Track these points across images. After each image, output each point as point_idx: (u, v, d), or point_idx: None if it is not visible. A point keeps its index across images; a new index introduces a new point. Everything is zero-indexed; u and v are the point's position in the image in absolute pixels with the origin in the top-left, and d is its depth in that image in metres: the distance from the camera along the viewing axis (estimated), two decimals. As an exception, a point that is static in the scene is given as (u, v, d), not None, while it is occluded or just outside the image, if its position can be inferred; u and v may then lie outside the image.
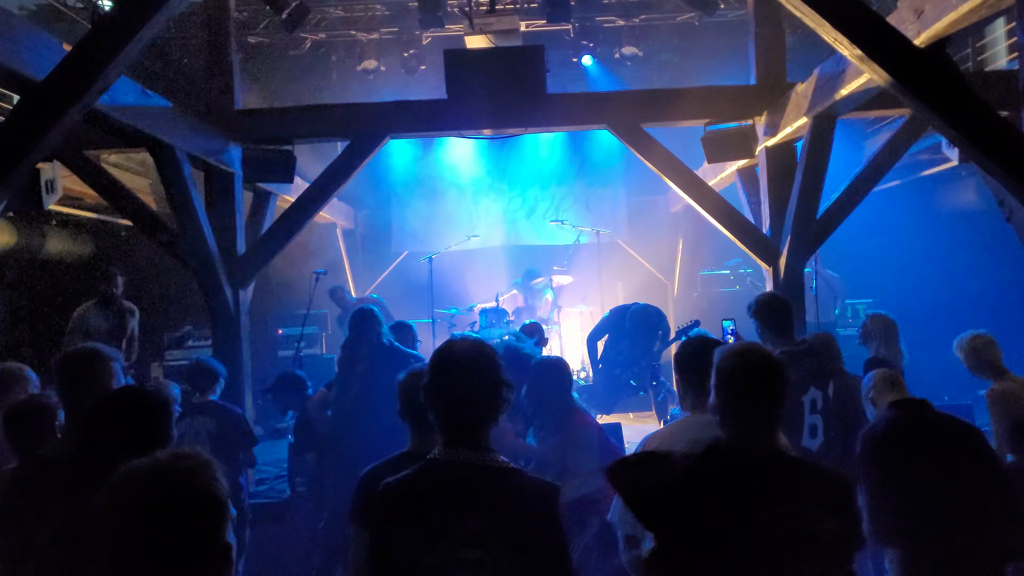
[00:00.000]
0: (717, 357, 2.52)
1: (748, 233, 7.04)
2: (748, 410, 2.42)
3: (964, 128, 4.13)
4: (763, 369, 2.43)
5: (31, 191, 6.15)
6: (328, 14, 11.15)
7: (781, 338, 4.51)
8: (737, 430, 2.44)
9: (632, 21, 11.28)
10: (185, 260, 6.62)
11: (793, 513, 2.22)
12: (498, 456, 2.35)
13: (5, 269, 9.30)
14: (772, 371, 2.44)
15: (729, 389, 2.45)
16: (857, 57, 4.39)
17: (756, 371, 2.42)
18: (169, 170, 6.26)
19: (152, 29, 4.42)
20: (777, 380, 2.44)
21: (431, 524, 2.21)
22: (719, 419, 2.49)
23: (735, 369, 2.44)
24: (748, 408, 2.42)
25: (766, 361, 2.45)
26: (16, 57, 4.14)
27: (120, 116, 5.24)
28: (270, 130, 7.11)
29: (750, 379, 2.42)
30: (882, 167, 6.71)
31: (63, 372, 3.02)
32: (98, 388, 2.96)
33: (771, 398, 2.43)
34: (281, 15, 8.37)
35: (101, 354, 3.09)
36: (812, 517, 2.22)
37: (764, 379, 2.42)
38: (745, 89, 7.17)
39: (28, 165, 4.42)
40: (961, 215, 9.68)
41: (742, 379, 2.42)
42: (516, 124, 7.29)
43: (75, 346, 3.22)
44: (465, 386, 2.33)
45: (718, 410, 2.50)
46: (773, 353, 2.54)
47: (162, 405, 2.66)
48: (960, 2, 3.95)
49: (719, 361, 2.50)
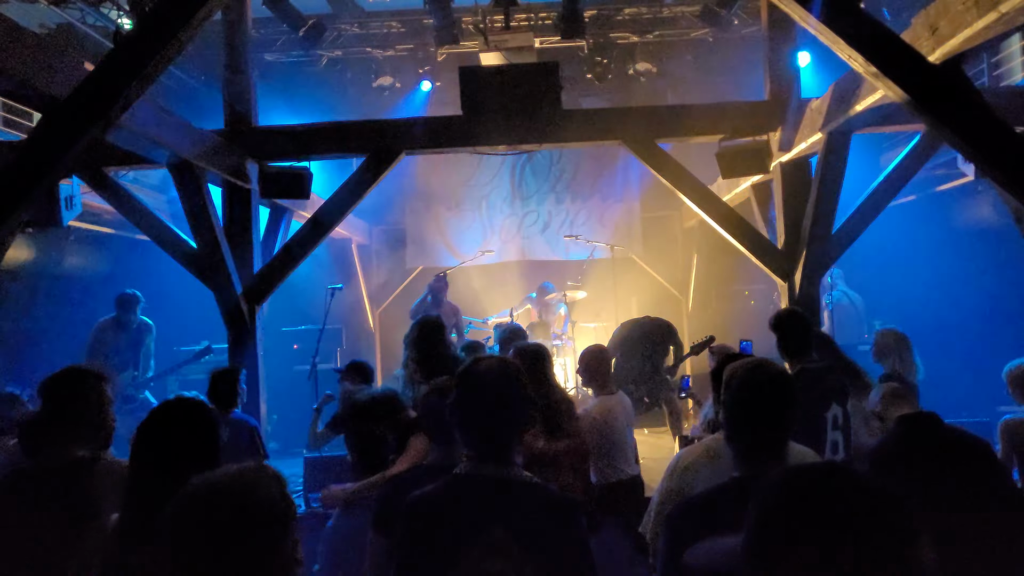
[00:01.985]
0: (726, 373, 2.49)
1: (763, 248, 7.03)
2: (756, 428, 2.39)
3: (980, 145, 4.13)
4: (773, 386, 2.39)
5: (51, 207, 6.23)
6: (344, 31, 11.25)
7: (800, 353, 4.53)
8: (742, 448, 2.40)
9: (646, 37, 11.33)
10: (202, 276, 6.67)
11: None
12: (523, 471, 2.39)
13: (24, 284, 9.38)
14: (783, 388, 2.40)
15: (737, 406, 2.42)
16: (872, 74, 4.40)
17: (765, 388, 2.38)
18: (187, 187, 6.33)
19: (172, 49, 4.48)
20: (787, 397, 2.40)
21: (457, 537, 2.24)
22: (726, 435, 2.46)
23: (743, 385, 2.40)
24: (756, 426, 2.39)
25: (776, 377, 2.42)
26: (39, 76, 4.21)
27: (140, 134, 5.31)
28: (287, 147, 7.17)
29: (759, 396, 2.38)
30: (898, 182, 6.70)
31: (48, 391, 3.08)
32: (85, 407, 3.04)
33: (779, 415, 2.39)
34: (298, 33, 8.47)
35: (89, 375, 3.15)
36: None
37: (773, 394, 2.39)
38: (759, 105, 7.18)
39: (50, 182, 4.49)
40: (977, 230, 9.62)
41: (750, 396, 2.39)
42: (531, 140, 7.32)
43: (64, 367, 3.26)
44: (491, 404, 2.37)
45: (725, 427, 2.47)
46: (784, 369, 2.50)
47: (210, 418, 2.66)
48: (975, 19, 3.95)
49: (727, 377, 2.46)
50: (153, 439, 2.54)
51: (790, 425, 2.41)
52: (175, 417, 2.59)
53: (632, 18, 11.21)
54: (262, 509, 1.68)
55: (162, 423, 2.57)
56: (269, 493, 1.70)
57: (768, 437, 2.39)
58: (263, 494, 1.69)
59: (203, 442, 2.56)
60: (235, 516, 1.65)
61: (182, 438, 2.52)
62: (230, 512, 1.65)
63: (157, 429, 2.56)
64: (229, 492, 1.68)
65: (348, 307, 11.75)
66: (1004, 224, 8.73)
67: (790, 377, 2.47)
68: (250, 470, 1.74)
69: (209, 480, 1.72)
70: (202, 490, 1.69)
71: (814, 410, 4.28)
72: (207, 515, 1.65)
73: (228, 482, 1.70)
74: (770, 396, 2.39)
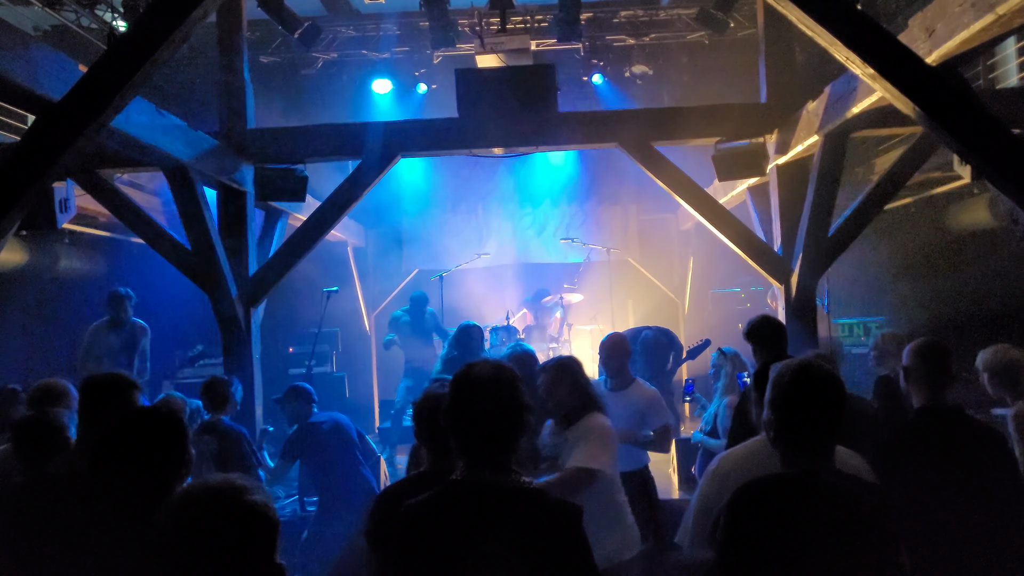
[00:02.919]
0: (775, 373, 2.47)
1: (759, 251, 7.03)
2: (804, 428, 2.37)
3: (977, 146, 4.12)
4: (822, 383, 2.38)
5: (45, 210, 6.20)
6: (340, 33, 11.24)
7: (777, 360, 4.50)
8: (791, 449, 2.39)
9: (642, 40, 11.32)
10: (197, 279, 6.64)
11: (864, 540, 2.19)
12: (520, 478, 2.32)
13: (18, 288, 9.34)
14: (833, 388, 2.39)
15: (783, 405, 2.40)
16: (869, 76, 4.40)
17: (817, 387, 2.37)
18: (182, 189, 6.30)
19: (167, 50, 4.46)
20: (836, 397, 2.39)
21: (453, 546, 2.19)
22: (771, 435, 2.45)
23: (794, 385, 2.39)
24: (804, 426, 2.37)
25: (827, 378, 2.40)
26: (33, 78, 4.18)
27: (134, 136, 5.28)
28: (282, 149, 7.14)
29: (808, 394, 2.37)
30: (893, 184, 6.69)
31: (88, 395, 3.04)
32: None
33: (830, 416, 2.38)
34: (293, 35, 8.45)
35: (126, 382, 3.12)
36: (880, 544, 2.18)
37: (822, 394, 2.37)
38: (756, 107, 7.18)
39: (44, 184, 4.46)
40: (973, 233, 9.62)
41: (802, 395, 2.37)
42: (527, 143, 7.31)
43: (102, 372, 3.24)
44: (486, 409, 2.30)
45: (770, 426, 2.45)
46: (833, 370, 2.46)
47: (175, 428, 2.63)
48: (971, 21, 3.95)
49: (776, 377, 2.45)
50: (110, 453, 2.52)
51: (839, 425, 2.39)
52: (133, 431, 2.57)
53: (628, 21, 11.20)
54: (252, 516, 1.69)
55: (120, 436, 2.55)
56: (257, 500, 1.71)
57: (818, 437, 2.37)
58: (251, 500, 1.70)
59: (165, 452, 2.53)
60: (219, 527, 1.66)
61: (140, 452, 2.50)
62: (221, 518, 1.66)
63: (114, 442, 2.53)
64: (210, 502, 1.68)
65: (344, 310, 11.71)
66: (999, 227, 8.74)
67: (839, 378, 2.44)
68: (232, 480, 1.75)
69: (189, 489, 1.75)
70: (191, 497, 1.71)
71: None
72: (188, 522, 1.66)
73: (215, 489, 1.71)
74: (822, 396, 2.38)
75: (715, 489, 2.98)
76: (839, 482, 2.34)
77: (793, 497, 2.29)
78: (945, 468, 3.18)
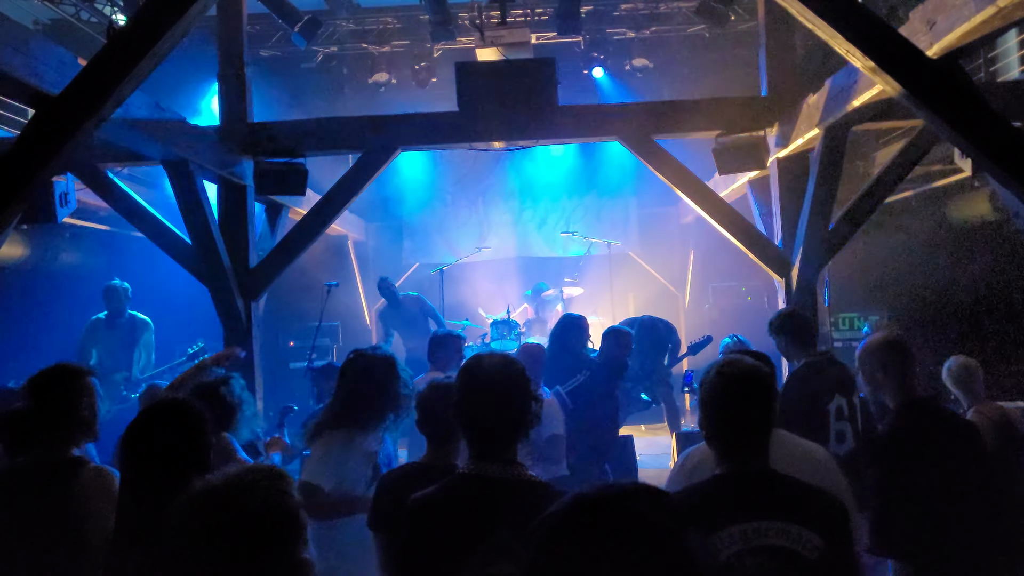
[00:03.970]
0: (703, 372, 2.47)
1: (760, 244, 7.02)
2: (733, 428, 2.35)
3: (978, 139, 4.11)
4: (746, 381, 2.36)
5: (45, 204, 6.20)
6: (340, 27, 11.23)
7: (805, 349, 4.65)
8: (723, 449, 2.38)
9: (643, 33, 11.32)
10: (198, 272, 6.64)
11: (783, 532, 2.19)
12: (527, 470, 2.34)
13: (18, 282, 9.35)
14: (752, 384, 2.36)
15: (711, 404, 2.39)
16: (870, 69, 4.38)
17: (734, 385, 2.35)
18: (182, 184, 6.29)
19: (167, 44, 4.45)
20: (763, 395, 2.36)
21: (462, 539, 2.19)
22: (704, 435, 2.43)
23: (714, 383, 2.38)
24: (733, 426, 2.35)
25: (746, 373, 2.37)
26: (32, 72, 4.17)
27: (134, 130, 5.27)
28: (282, 143, 7.13)
29: (733, 392, 2.35)
30: (894, 178, 6.68)
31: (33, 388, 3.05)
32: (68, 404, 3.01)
33: (757, 414, 2.35)
34: (293, 28, 8.44)
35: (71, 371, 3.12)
36: (799, 536, 2.18)
37: (747, 391, 2.35)
38: (756, 100, 7.16)
39: (44, 179, 4.46)
40: (974, 226, 9.61)
41: (725, 393, 2.36)
42: (527, 136, 7.29)
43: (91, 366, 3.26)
44: (494, 401, 2.31)
45: (702, 426, 2.43)
46: (756, 364, 2.43)
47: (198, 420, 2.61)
48: (972, 13, 3.93)
49: (704, 375, 2.44)
50: (138, 444, 2.51)
51: (766, 420, 2.36)
52: (160, 421, 2.56)
53: (628, 14, 11.20)
54: (265, 511, 1.60)
55: (147, 427, 2.54)
56: (271, 494, 1.63)
57: (748, 436, 2.35)
58: (264, 495, 1.61)
59: (189, 444, 2.51)
60: (237, 520, 1.57)
61: (168, 441, 2.48)
62: (232, 515, 1.58)
63: (142, 434, 2.53)
64: (228, 495, 1.60)
65: (344, 304, 11.72)
66: (1000, 220, 8.73)
67: (760, 372, 2.40)
68: (251, 471, 1.68)
69: (209, 483, 1.65)
70: (201, 494, 1.63)
71: (814, 402, 4.32)
72: (208, 520, 1.58)
73: (227, 485, 1.63)
74: (748, 395, 2.35)
75: (684, 482, 3.00)
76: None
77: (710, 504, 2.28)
78: (934, 460, 3.24)
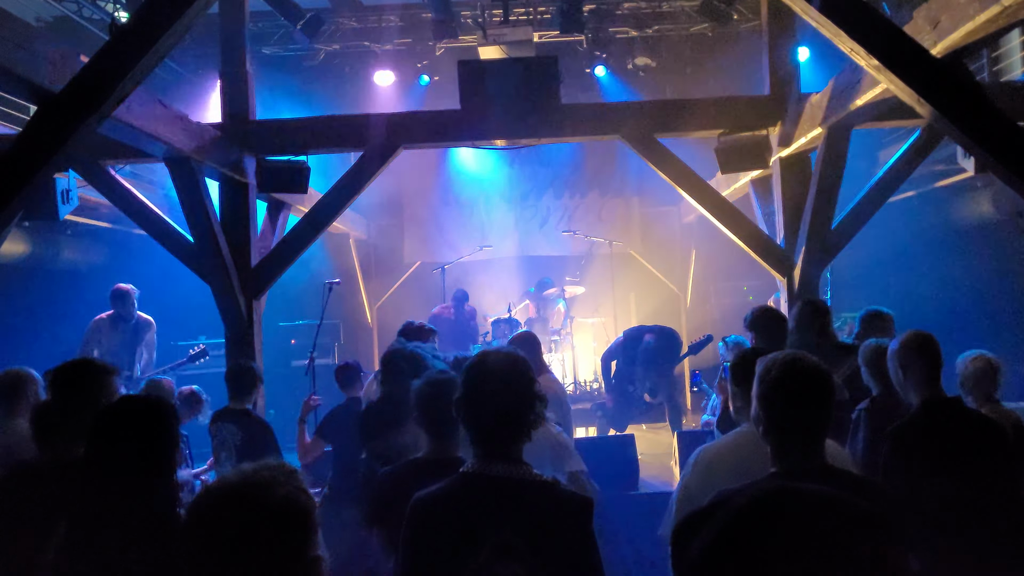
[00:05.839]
0: (760, 366, 2.45)
1: (762, 244, 7.01)
2: (793, 425, 2.35)
3: (982, 139, 4.10)
4: (810, 378, 2.35)
5: (47, 201, 6.20)
6: (342, 25, 11.22)
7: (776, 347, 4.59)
8: (781, 445, 2.37)
9: (645, 32, 11.30)
10: (199, 270, 6.63)
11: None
12: (532, 469, 2.31)
13: (20, 279, 9.35)
14: (820, 380, 2.36)
15: (773, 400, 2.37)
16: (874, 67, 4.37)
17: (803, 380, 2.34)
18: (184, 181, 6.28)
19: (168, 41, 4.44)
20: (824, 392, 2.36)
21: (466, 538, 2.17)
22: (761, 430, 2.42)
23: (782, 378, 2.36)
24: (793, 423, 2.34)
25: (815, 370, 2.37)
26: (34, 68, 4.17)
27: (135, 127, 5.26)
28: (284, 141, 7.12)
29: (797, 389, 2.34)
30: (897, 178, 6.67)
31: (55, 384, 3.04)
32: (91, 401, 2.98)
33: (818, 411, 2.35)
34: (296, 26, 8.43)
35: (94, 367, 3.10)
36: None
37: (812, 389, 2.34)
38: (759, 99, 7.14)
39: (45, 175, 4.45)
40: (977, 226, 9.61)
41: (788, 389, 2.35)
42: (529, 135, 7.28)
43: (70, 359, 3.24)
44: (500, 400, 2.29)
45: (759, 422, 2.42)
46: (820, 362, 2.43)
47: (161, 415, 2.59)
48: (976, 12, 3.92)
49: (763, 370, 2.42)
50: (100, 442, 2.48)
51: (829, 418, 2.37)
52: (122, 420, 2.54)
53: (631, 12, 11.17)
54: (284, 508, 1.60)
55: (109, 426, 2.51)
56: (289, 491, 1.62)
57: (807, 434, 2.35)
58: (283, 492, 1.61)
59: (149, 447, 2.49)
60: (257, 517, 1.56)
61: (128, 441, 2.45)
62: (252, 513, 1.57)
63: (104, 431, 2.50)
64: (246, 492, 1.59)
65: (346, 302, 11.73)
66: (1003, 220, 8.72)
67: (827, 372, 2.41)
68: (266, 468, 1.66)
69: (226, 481, 1.64)
70: (218, 492, 1.62)
71: None
72: (227, 517, 1.57)
73: (245, 482, 1.62)
74: (809, 392, 2.35)
75: (697, 479, 2.99)
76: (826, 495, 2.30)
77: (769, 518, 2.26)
78: (954, 459, 3.20)
